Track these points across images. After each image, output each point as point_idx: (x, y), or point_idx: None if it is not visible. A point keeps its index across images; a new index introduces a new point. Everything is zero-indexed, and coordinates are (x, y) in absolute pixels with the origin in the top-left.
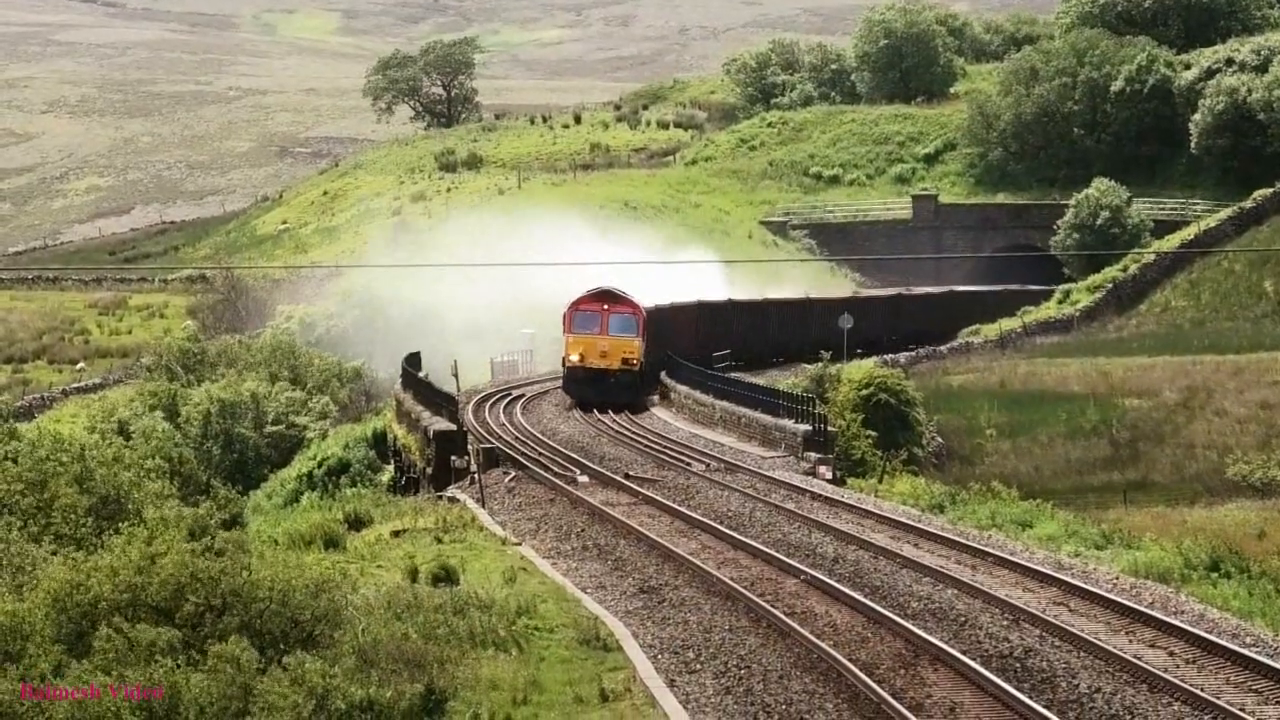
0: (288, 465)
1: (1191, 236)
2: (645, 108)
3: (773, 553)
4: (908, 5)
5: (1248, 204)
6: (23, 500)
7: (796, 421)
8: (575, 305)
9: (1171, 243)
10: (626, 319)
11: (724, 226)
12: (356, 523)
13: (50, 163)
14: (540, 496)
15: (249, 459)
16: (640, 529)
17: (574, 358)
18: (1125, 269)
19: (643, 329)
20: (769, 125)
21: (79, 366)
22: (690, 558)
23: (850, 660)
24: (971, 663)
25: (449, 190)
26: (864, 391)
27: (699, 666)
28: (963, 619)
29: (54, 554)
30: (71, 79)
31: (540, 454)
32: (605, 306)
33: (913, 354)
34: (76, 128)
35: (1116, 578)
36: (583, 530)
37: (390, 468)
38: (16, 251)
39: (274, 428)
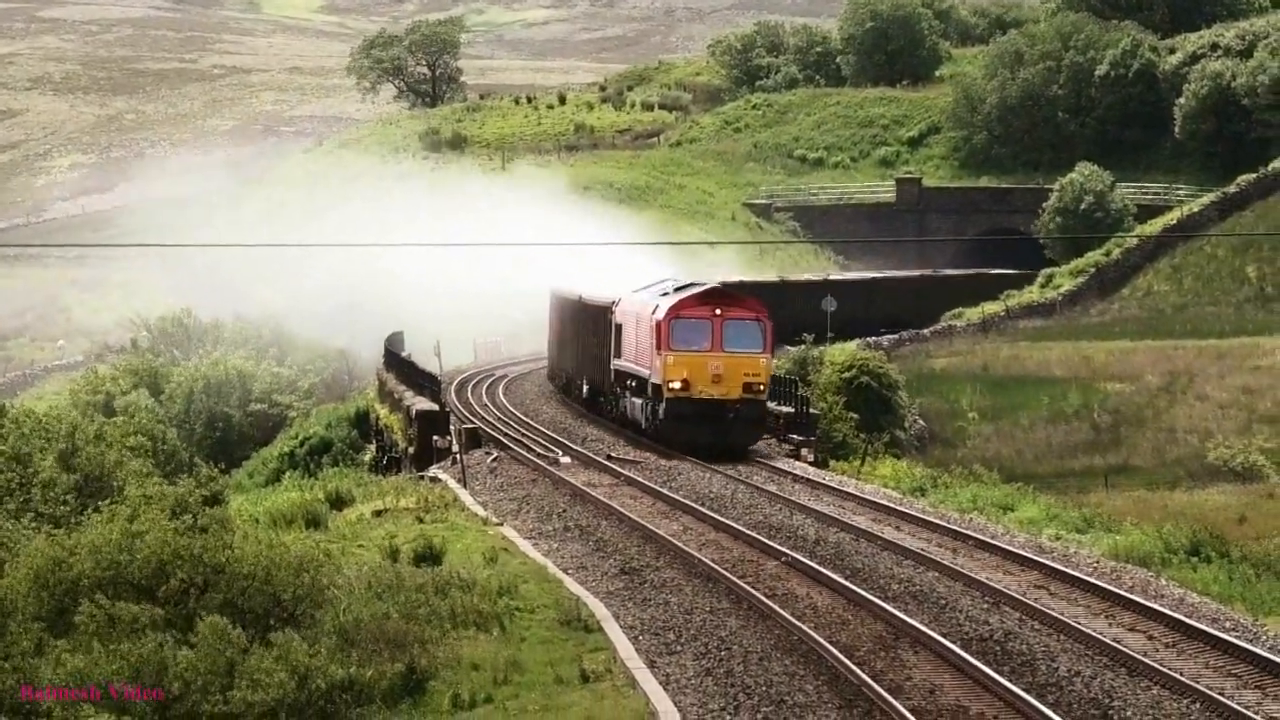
0: (270, 444)
1: (1175, 221)
2: (630, 89)
3: (754, 534)
4: None
5: (1231, 189)
6: (2, 477)
7: (779, 404)
8: (675, 311)
9: (1154, 227)
10: (748, 327)
11: (708, 208)
12: (338, 502)
13: (34, 139)
14: (522, 477)
15: (232, 437)
16: (622, 510)
17: (675, 384)
18: (1108, 253)
19: (770, 341)
20: (754, 107)
21: (59, 344)
22: (672, 539)
23: (830, 642)
24: (952, 645)
25: (433, 171)
26: (846, 374)
27: (680, 648)
28: (943, 602)
29: (35, 531)
30: (56, 56)
31: (523, 435)
32: (717, 311)
33: (896, 336)
34: (61, 105)
35: (1097, 561)
36: (564, 511)
37: (372, 447)
38: None
39: (257, 406)
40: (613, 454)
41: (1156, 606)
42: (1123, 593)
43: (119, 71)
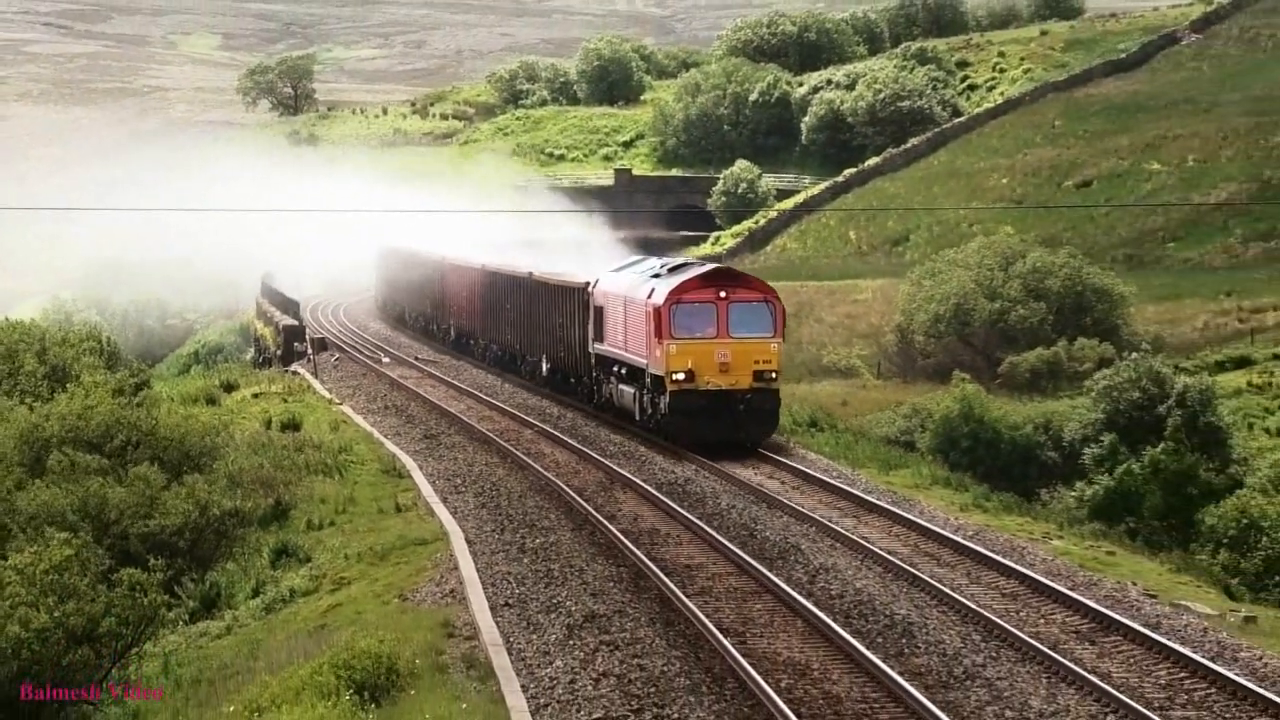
0: (181, 347)
1: (801, 200)
2: (432, 105)
3: (516, 412)
4: (612, 39)
5: (840, 179)
6: None
7: None
8: (675, 295)
9: (788, 204)
10: (756, 310)
11: (486, 191)
12: (229, 387)
13: (17, 137)
14: (356, 372)
15: (154, 342)
16: (425, 395)
17: (679, 375)
18: (757, 222)
19: (781, 323)
20: (517, 119)
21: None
22: (459, 415)
23: (567, 485)
24: (649, 488)
25: (296, 160)
26: None
27: (464, 489)
28: (644, 459)
29: (19, 405)
30: (35, 79)
31: (357, 343)
32: (722, 294)
33: None
34: (38, 112)
35: None
36: (385, 395)
37: (252, 350)
38: None
39: (172, 321)
40: (419, 357)
41: (786, 461)
42: (764, 452)
43: (79, 90)
